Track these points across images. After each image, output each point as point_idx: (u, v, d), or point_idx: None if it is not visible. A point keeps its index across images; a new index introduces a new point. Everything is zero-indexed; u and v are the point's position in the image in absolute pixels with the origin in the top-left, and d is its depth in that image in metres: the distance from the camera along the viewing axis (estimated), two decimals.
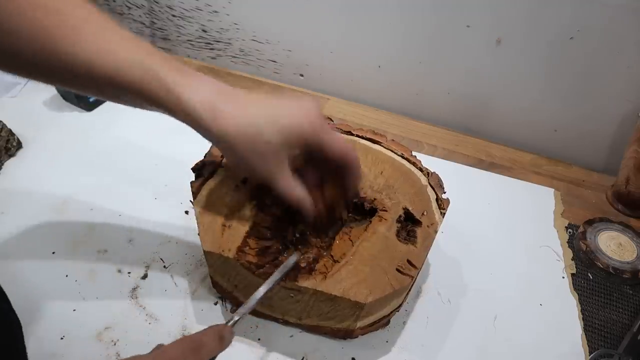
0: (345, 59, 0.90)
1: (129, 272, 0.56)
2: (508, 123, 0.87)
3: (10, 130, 0.69)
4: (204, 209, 0.48)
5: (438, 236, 0.51)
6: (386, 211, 0.51)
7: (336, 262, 0.46)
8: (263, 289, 0.42)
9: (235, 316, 0.39)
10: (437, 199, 0.53)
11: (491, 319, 0.56)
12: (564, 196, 0.76)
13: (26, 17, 0.34)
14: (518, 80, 0.81)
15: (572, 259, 0.65)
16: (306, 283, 0.44)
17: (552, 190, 0.77)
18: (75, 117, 0.78)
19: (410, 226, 0.51)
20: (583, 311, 0.58)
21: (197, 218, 0.48)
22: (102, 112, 0.80)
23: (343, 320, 0.48)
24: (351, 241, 0.49)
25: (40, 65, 0.37)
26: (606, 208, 0.75)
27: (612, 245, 0.65)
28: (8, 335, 0.38)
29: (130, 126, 0.77)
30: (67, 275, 0.55)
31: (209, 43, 0.97)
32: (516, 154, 0.84)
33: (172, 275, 0.56)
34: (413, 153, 0.59)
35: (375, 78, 0.90)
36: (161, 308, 0.53)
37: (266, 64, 0.96)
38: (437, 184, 0.55)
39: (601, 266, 0.62)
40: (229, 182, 0.51)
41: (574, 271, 0.63)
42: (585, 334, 0.56)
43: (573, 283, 0.61)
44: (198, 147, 0.54)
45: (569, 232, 0.69)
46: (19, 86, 0.83)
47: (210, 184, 0.51)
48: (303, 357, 0.50)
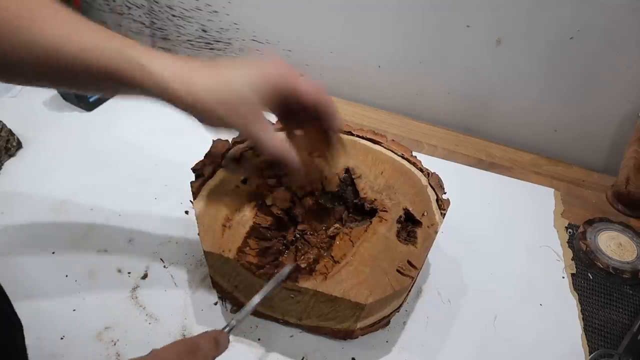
0: (345, 59, 0.90)
1: (129, 272, 0.56)
2: (508, 123, 0.87)
3: (10, 130, 0.69)
4: (204, 209, 0.48)
5: (438, 236, 0.51)
6: (386, 212, 0.51)
7: (336, 263, 0.46)
8: (257, 298, 0.42)
9: (231, 323, 0.40)
10: (438, 200, 0.53)
11: (491, 319, 0.56)
12: (564, 196, 0.76)
13: None
14: (518, 80, 0.81)
15: (572, 259, 0.65)
16: (306, 284, 0.44)
17: (552, 190, 0.77)
18: (75, 117, 0.78)
19: (410, 227, 0.51)
20: (583, 311, 0.58)
21: (197, 218, 0.48)
22: (102, 112, 0.80)
23: (343, 320, 0.48)
24: (351, 242, 0.49)
25: (8, 57, 0.37)
26: (606, 208, 0.75)
27: (612, 245, 0.65)
28: (9, 336, 0.38)
29: (130, 126, 0.77)
30: (67, 275, 0.55)
31: (209, 43, 0.97)
32: (516, 154, 0.84)
33: (172, 275, 0.56)
34: (413, 153, 0.59)
35: (375, 78, 0.89)
36: (161, 308, 0.53)
37: None
38: (437, 185, 0.55)
39: (601, 266, 0.62)
40: (229, 182, 0.51)
41: (574, 271, 0.63)
42: (585, 334, 0.56)
43: (573, 283, 0.62)
44: (198, 147, 0.55)
45: (569, 232, 0.69)
46: (19, 86, 0.83)
47: (210, 184, 0.51)
48: (303, 357, 0.50)
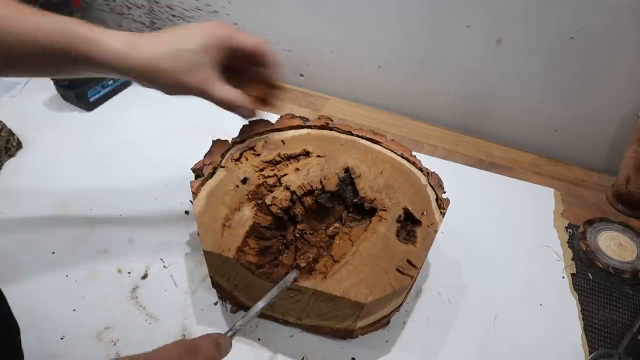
0: (345, 59, 0.90)
1: (129, 272, 0.56)
2: (508, 123, 0.87)
3: (10, 130, 0.69)
4: (204, 209, 0.48)
5: (438, 236, 0.51)
6: (386, 211, 0.51)
7: (336, 262, 0.46)
8: (261, 304, 0.42)
9: (234, 327, 0.39)
10: (437, 199, 0.53)
11: (491, 319, 0.56)
12: (564, 196, 0.76)
13: None
14: (518, 80, 0.81)
15: (572, 259, 0.65)
16: (306, 283, 0.44)
17: (552, 190, 0.77)
18: (75, 117, 0.78)
19: (410, 226, 0.51)
20: (583, 311, 0.58)
21: (197, 218, 0.48)
22: (102, 112, 0.80)
23: (343, 320, 0.48)
24: (351, 241, 0.49)
25: None
26: (606, 208, 0.75)
27: (612, 245, 0.65)
28: (6, 338, 0.38)
29: (130, 126, 0.77)
30: (67, 275, 0.55)
31: None
32: (516, 154, 0.84)
33: (172, 275, 0.56)
34: (413, 153, 0.59)
35: (375, 78, 0.90)
36: (161, 308, 0.53)
37: None
38: (437, 184, 0.55)
39: (601, 266, 0.62)
40: (229, 182, 0.51)
41: (574, 271, 0.63)
42: (585, 334, 0.56)
43: (573, 283, 0.62)
44: (198, 147, 0.55)
45: (569, 232, 0.69)
46: (19, 86, 0.83)
47: (210, 184, 0.51)
48: (303, 357, 0.50)
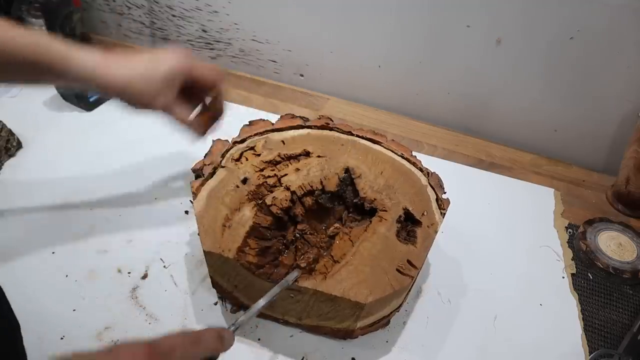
0: (345, 59, 0.90)
1: (129, 272, 0.56)
2: (508, 123, 0.87)
3: (10, 130, 0.69)
4: (204, 209, 0.48)
5: (438, 236, 0.51)
6: (386, 211, 0.51)
7: (336, 263, 0.46)
8: (263, 301, 0.42)
9: (237, 322, 0.39)
10: (437, 199, 0.53)
11: (491, 319, 0.56)
12: (564, 196, 0.76)
13: None
14: (518, 80, 0.81)
15: (572, 259, 0.65)
16: (306, 283, 0.44)
17: (552, 190, 0.77)
18: (75, 117, 0.78)
19: (410, 226, 0.51)
20: (583, 311, 0.58)
21: (197, 218, 0.48)
22: (102, 112, 0.80)
23: (343, 320, 0.48)
24: (351, 241, 0.49)
25: None
26: (606, 208, 0.75)
27: (612, 245, 0.65)
28: (7, 337, 0.38)
29: (130, 126, 0.76)
30: (67, 275, 0.55)
31: (209, 43, 0.97)
32: (516, 154, 0.84)
33: (172, 275, 0.56)
34: (413, 153, 0.59)
35: (375, 78, 0.90)
36: (161, 308, 0.53)
37: (266, 64, 0.96)
38: (437, 184, 0.55)
39: (601, 266, 0.62)
40: (229, 182, 0.51)
41: (574, 271, 0.63)
42: (585, 334, 0.56)
43: (573, 283, 0.61)
44: (198, 147, 0.55)
45: (569, 232, 0.69)
46: (19, 86, 0.83)
47: (210, 184, 0.51)
48: (303, 357, 0.50)
